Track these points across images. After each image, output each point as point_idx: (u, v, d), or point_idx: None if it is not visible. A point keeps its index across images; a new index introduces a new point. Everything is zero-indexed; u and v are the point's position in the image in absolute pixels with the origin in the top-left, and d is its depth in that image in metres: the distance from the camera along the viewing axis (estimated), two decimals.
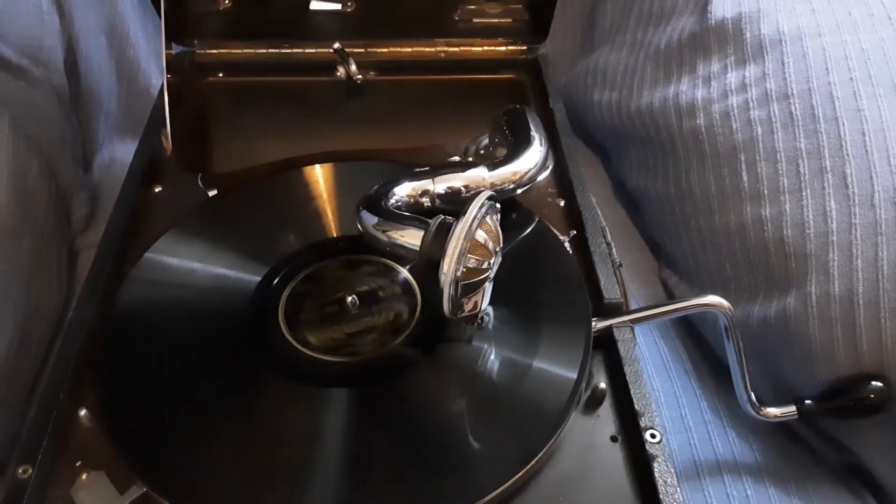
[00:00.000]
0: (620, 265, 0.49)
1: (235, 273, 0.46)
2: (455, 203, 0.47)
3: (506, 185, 0.49)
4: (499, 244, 0.39)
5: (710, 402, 0.53)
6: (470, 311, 0.40)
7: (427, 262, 0.40)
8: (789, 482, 0.48)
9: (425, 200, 0.47)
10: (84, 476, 0.37)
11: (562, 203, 0.53)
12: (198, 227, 0.49)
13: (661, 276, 0.63)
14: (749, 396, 0.46)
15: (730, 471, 0.49)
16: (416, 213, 0.44)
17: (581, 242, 0.49)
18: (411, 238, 0.41)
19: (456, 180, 0.48)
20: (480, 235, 0.38)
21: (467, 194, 0.48)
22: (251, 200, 0.51)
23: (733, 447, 0.50)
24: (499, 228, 0.40)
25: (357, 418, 0.39)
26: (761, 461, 0.50)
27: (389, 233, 0.42)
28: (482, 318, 0.41)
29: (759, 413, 0.46)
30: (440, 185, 0.48)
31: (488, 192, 0.40)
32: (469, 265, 0.38)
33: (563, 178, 0.54)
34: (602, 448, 0.39)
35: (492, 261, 0.39)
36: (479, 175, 0.48)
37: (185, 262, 0.47)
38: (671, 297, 0.62)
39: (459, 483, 0.36)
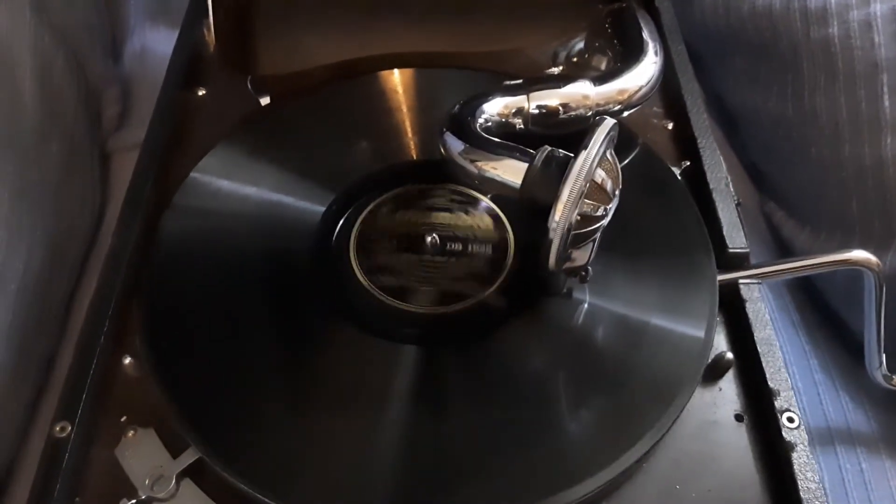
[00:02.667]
0: (739, 203, 0.42)
1: (296, 201, 0.40)
2: (550, 126, 0.40)
3: (611, 105, 0.41)
4: (618, 185, 0.33)
5: (820, 361, 0.47)
6: (577, 263, 0.34)
7: (529, 203, 0.33)
8: None
9: (518, 121, 0.40)
10: (130, 434, 0.32)
11: (670, 126, 0.45)
12: (251, 142, 0.42)
13: (763, 210, 0.56)
14: (881, 363, 0.40)
15: (842, 441, 0.43)
16: (504, 136, 0.37)
17: (697, 176, 0.42)
18: (509, 172, 0.34)
19: (552, 97, 0.40)
20: (599, 175, 0.31)
21: (565, 115, 0.40)
22: (313, 112, 0.44)
23: (847, 414, 0.44)
24: (619, 167, 0.33)
25: (440, 381, 0.34)
26: (877, 431, 0.44)
27: (480, 163, 0.35)
28: (587, 270, 0.35)
29: (890, 383, 0.40)
30: (534, 102, 0.40)
31: (611, 121, 0.32)
32: (583, 210, 0.31)
33: (672, 96, 0.46)
34: (725, 428, 0.33)
35: (609, 206, 0.32)
36: (580, 92, 0.40)
37: (238, 186, 0.40)
38: (775, 234, 0.54)
39: (563, 467, 0.31)
